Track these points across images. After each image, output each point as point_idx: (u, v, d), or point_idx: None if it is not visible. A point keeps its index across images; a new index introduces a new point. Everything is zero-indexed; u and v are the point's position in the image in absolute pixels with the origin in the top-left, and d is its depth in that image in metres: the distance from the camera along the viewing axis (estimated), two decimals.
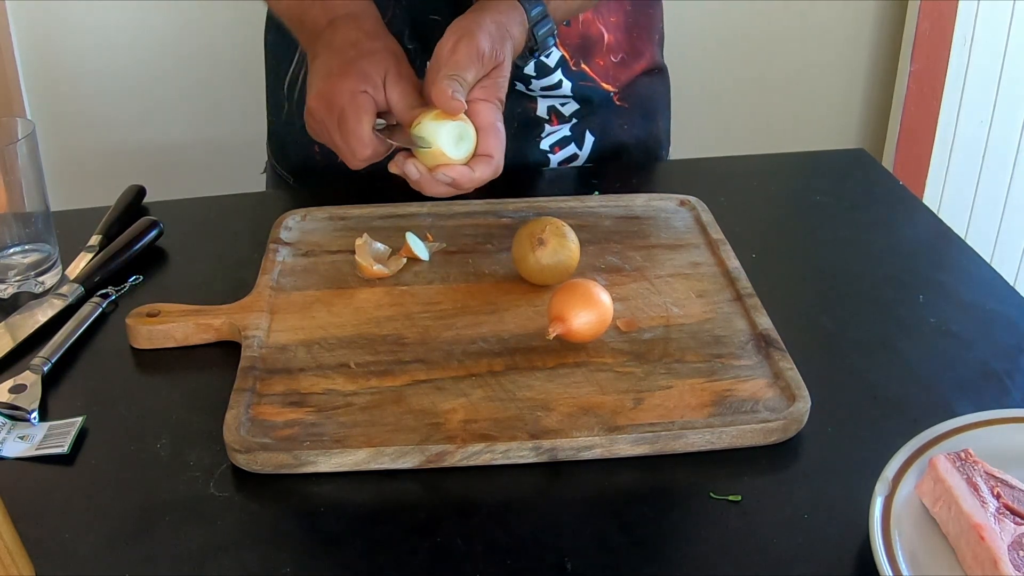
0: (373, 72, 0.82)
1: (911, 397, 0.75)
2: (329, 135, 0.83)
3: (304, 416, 0.70)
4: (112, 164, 1.89)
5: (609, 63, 1.07)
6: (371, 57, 0.82)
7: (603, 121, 1.10)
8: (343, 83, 0.81)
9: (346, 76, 0.81)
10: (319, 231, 0.93)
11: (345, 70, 0.82)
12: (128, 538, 0.63)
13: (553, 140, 1.09)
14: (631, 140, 1.12)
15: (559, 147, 1.09)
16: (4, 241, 0.88)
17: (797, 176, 1.12)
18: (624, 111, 1.11)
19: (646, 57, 1.11)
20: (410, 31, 0.99)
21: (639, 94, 1.11)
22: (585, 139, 1.10)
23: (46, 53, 1.81)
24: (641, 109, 1.12)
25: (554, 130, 1.08)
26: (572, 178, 1.08)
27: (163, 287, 0.89)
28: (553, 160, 1.09)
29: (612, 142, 1.11)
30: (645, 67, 1.11)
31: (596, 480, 0.67)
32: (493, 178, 0.81)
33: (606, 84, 1.08)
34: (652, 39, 1.12)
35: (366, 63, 0.82)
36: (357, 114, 0.80)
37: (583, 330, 0.75)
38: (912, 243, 0.97)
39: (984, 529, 0.57)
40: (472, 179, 0.79)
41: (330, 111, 0.81)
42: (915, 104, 1.98)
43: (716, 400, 0.72)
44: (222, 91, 1.87)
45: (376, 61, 0.82)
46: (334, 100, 0.81)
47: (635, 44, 1.09)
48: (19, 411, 0.72)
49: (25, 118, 0.92)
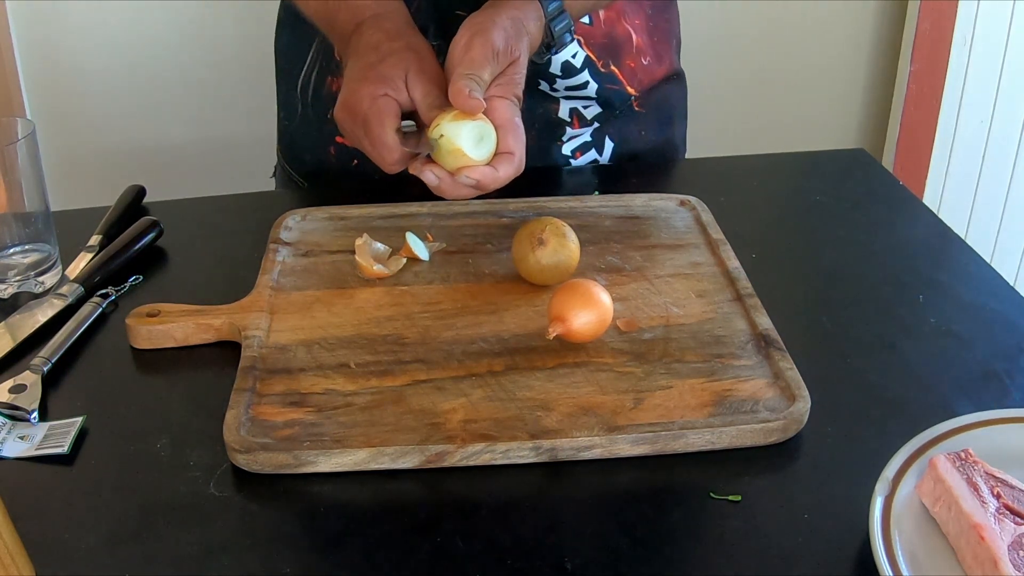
0: (393, 74, 0.81)
1: (911, 397, 0.75)
2: (359, 142, 0.82)
3: (304, 416, 0.70)
4: (112, 164, 1.89)
5: (639, 65, 1.07)
6: (391, 58, 0.82)
7: (622, 127, 1.09)
8: (363, 88, 0.80)
9: (365, 81, 0.81)
10: (319, 231, 0.93)
11: (365, 75, 0.81)
12: (128, 538, 0.63)
13: (575, 145, 1.08)
14: (649, 146, 1.12)
15: (580, 152, 1.09)
16: (4, 241, 0.88)
17: (797, 176, 1.12)
18: (642, 116, 1.10)
19: (666, 62, 1.10)
20: (435, 27, 0.99)
21: (657, 100, 1.11)
22: (605, 145, 1.10)
23: (46, 53, 1.81)
24: (659, 115, 1.12)
25: (576, 133, 1.08)
26: (573, 178, 1.08)
27: (163, 287, 0.89)
28: (574, 165, 1.09)
29: (631, 148, 1.11)
30: (666, 72, 1.11)
31: (596, 480, 0.67)
32: (516, 175, 0.80)
33: (631, 87, 1.07)
34: (670, 44, 1.11)
35: (386, 66, 0.81)
36: (380, 119, 0.79)
37: (583, 330, 0.75)
38: (912, 243, 0.97)
39: (984, 529, 0.57)
40: (496, 178, 0.78)
41: (354, 119, 0.81)
42: (915, 104, 1.98)
43: (716, 400, 0.72)
44: (222, 91, 1.87)
45: (395, 62, 0.81)
46: (357, 108, 0.80)
47: (657, 48, 1.09)
48: (19, 411, 0.72)
49: (25, 118, 0.92)
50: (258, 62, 1.14)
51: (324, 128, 1.07)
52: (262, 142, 1.19)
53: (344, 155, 1.07)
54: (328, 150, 1.08)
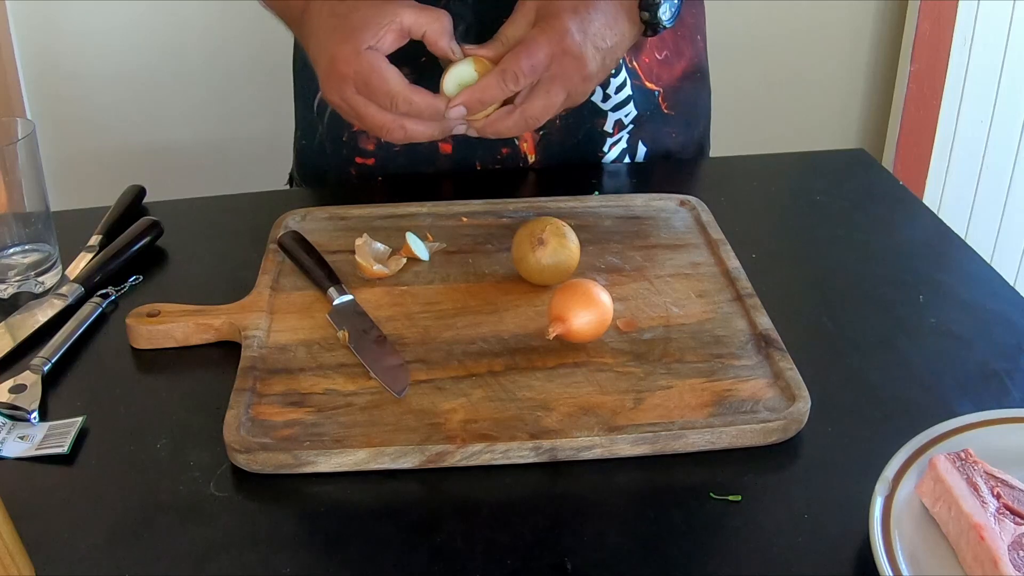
0: (364, 25, 0.78)
1: (911, 397, 0.75)
2: (373, 119, 0.80)
3: (304, 416, 0.70)
4: (112, 164, 1.89)
5: (654, 60, 1.06)
6: (354, 14, 0.79)
7: (653, 130, 1.09)
8: (340, 51, 0.78)
9: (340, 43, 0.78)
10: (319, 231, 0.93)
11: (335, 39, 0.79)
12: (128, 538, 0.63)
13: (615, 154, 1.08)
14: (677, 147, 1.12)
15: (618, 160, 1.09)
16: (4, 241, 0.88)
17: (797, 176, 1.12)
18: (672, 119, 1.10)
19: (687, 57, 1.09)
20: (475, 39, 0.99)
21: (685, 101, 1.11)
22: (639, 149, 1.10)
23: (46, 53, 1.81)
24: (686, 115, 1.12)
25: (615, 140, 1.08)
26: (573, 178, 1.08)
27: (163, 287, 0.89)
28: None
29: (662, 150, 1.11)
30: (685, 67, 1.10)
31: (596, 480, 0.67)
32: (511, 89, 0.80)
33: (649, 83, 1.06)
34: (693, 39, 1.10)
35: (353, 20, 0.79)
36: (378, 74, 0.77)
37: (583, 330, 0.75)
38: (912, 243, 0.97)
39: (984, 529, 0.57)
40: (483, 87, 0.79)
41: (345, 85, 0.78)
42: (915, 104, 1.98)
43: (716, 400, 0.72)
44: (222, 91, 1.87)
45: (362, 15, 0.79)
46: (344, 73, 0.77)
47: (678, 42, 1.07)
48: (19, 411, 0.72)
49: (25, 118, 0.92)
50: (258, 62, 1.14)
51: (343, 149, 1.07)
52: (262, 142, 1.19)
53: (366, 175, 1.06)
54: (349, 170, 1.07)
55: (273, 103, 1.14)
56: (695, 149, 1.15)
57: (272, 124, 1.15)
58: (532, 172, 1.08)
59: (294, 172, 1.16)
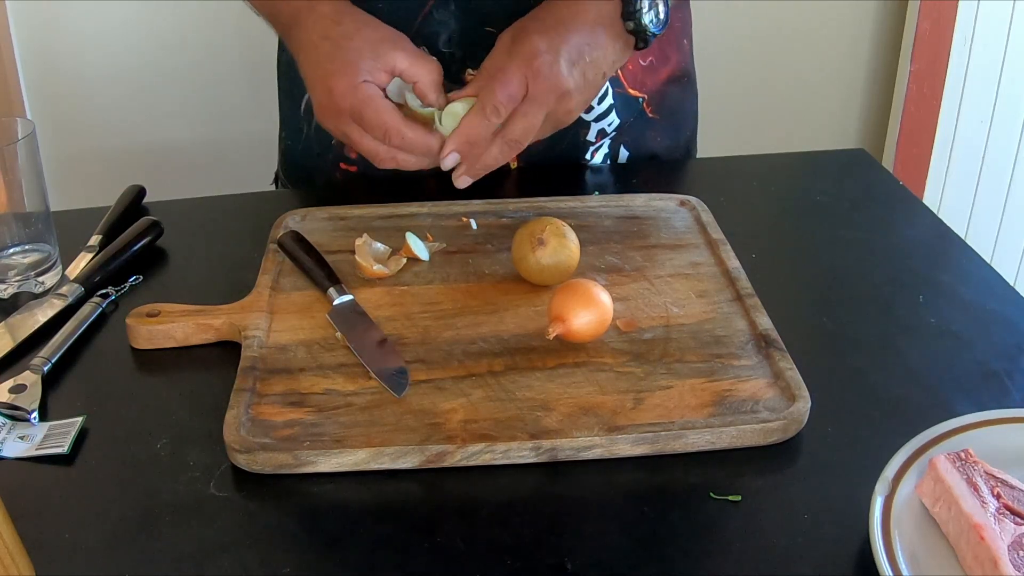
0: (358, 58, 0.80)
1: (911, 397, 0.75)
2: (367, 147, 0.82)
3: (304, 416, 0.70)
4: (112, 164, 1.89)
5: (638, 67, 1.06)
6: (348, 43, 0.81)
7: (637, 135, 1.09)
8: (337, 84, 0.79)
9: (335, 75, 0.80)
10: (319, 231, 0.93)
11: (331, 69, 0.80)
12: (128, 538, 0.63)
13: (597, 160, 1.08)
14: (661, 150, 1.12)
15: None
16: (4, 241, 0.88)
17: (797, 176, 1.12)
18: (657, 123, 1.10)
19: (672, 61, 1.09)
20: (462, 53, 0.97)
21: (670, 105, 1.10)
22: (620, 154, 1.10)
23: (46, 53, 1.81)
24: (672, 120, 1.11)
25: (597, 147, 1.08)
26: (573, 178, 1.08)
27: (163, 287, 0.89)
28: None
29: (644, 153, 1.11)
30: (670, 73, 1.10)
31: (596, 480, 0.67)
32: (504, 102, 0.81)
33: (633, 90, 1.06)
34: (679, 43, 1.10)
35: (348, 51, 0.80)
36: (373, 107, 0.78)
37: (583, 330, 0.75)
38: (912, 243, 0.97)
39: (984, 529, 0.57)
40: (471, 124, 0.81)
41: (342, 118, 0.80)
42: (915, 104, 1.98)
43: (716, 400, 0.72)
44: (222, 91, 1.87)
45: (356, 44, 0.80)
46: (340, 105, 0.79)
47: (663, 48, 1.07)
48: (19, 411, 0.72)
49: (25, 118, 0.92)
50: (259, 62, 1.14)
51: (330, 151, 1.07)
52: (262, 143, 1.19)
53: (352, 177, 1.06)
54: (335, 174, 1.07)
55: (273, 103, 1.13)
56: (682, 152, 1.15)
57: (272, 124, 1.15)
58: (531, 172, 1.08)
59: (279, 172, 1.17)
